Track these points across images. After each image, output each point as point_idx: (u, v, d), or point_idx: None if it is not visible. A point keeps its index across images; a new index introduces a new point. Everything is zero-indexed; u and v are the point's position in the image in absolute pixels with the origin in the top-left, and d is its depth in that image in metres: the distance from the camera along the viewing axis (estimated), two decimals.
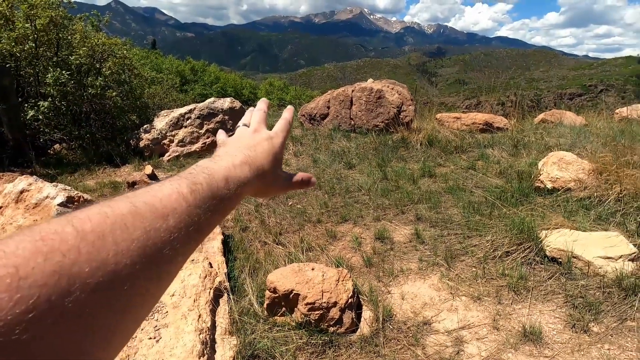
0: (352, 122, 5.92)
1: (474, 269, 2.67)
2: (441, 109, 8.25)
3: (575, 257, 2.57)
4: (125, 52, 4.79)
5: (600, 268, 2.47)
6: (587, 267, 2.50)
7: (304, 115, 6.34)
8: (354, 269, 2.73)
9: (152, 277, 0.30)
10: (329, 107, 6.10)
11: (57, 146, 4.99)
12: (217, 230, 2.62)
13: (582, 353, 1.96)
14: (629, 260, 2.50)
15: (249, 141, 0.49)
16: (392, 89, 5.90)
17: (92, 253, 0.25)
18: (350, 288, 2.13)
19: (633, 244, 2.59)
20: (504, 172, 4.35)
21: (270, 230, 3.21)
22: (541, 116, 7.10)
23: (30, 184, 2.40)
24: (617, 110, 8.29)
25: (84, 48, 4.42)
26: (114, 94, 4.58)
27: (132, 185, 3.57)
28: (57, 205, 2.25)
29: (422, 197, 3.78)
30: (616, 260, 2.49)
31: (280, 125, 0.56)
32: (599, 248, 2.58)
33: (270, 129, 0.55)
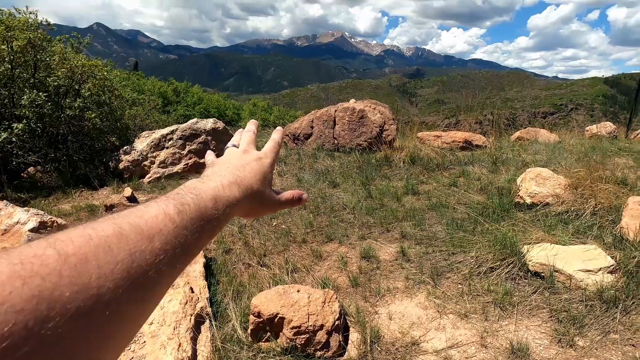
0: (336, 142, 5.97)
1: (460, 286, 2.67)
2: (422, 128, 8.46)
3: (557, 271, 2.61)
4: (105, 73, 4.74)
5: (581, 281, 2.51)
6: (569, 281, 2.54)
7: (287, 135, 6.36)
8: (341, 289, 2.68)
9: (137, 300, 0.29)
10: (312, 127, 6.15)
11: (31, 169, 4.80)
12: (199, 253, 2.54)
13: None
14: (608, 272, 2.56)
15: (238, 162, 0.49)
16: (374, 108, 6.02)
17: (73, 277, 0.24)
18: (337, 310, 2.08)
19: (610, 257, 2.65)
20: (484, 188, 4.45)
21: (255, 251, 3.14)
22: (517, 134, 7.37)
23: (0, 209, 2.29)
24: (587, 128, 8.70)
25: (62, 69, 4.35)
26: (93, 115, 4.49)
27: (109, 208, 3.45)
28: (28, 231, 2.14)
29: (406, 214, 3.80)
30: (596, 272, 2.54)
31: (269, 146, 0.56)
32: (579, 261, 2.64)
33: (259, 150, 0.54)
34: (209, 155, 0.56)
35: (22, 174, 4.69)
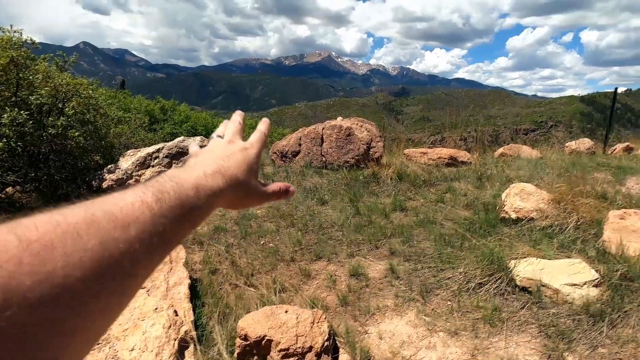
0: (324, 159, 6.00)
1: (449, 303, 2.65)
2: (409, 145, 8.59)
3: (544, 286, 2.63)
4: (90, 92, 4.70)
5: (568, 295, 2.53)
6: (555, 295, 2.56)
7: (275, 153, 6.37)
8: (330, 308, 2.64)
9: (108, 292, 0.27)
10: (300, 145, 6.18)
11: (9, 189, 4.65)
12: (184, 274, 2.47)
13: None
14: (593, 286, 2.59)
15: (223, 152, 0.48)
16: (361, 126, 6.10)
17: (36, 265, 0.23)
18: (326, 330, 2.04)
19: (595, 270, 2.69)
20: (470, 204, 4.50)
21: (242, 271, 3.08)
22: (501, 150, 7.55)
23: None
24: (566, 144, 8.98)
25: (46, 88, 4.30)
26: (76, 133, 4.42)
27: None
28: None
29: (394, 231, 3.81)
30: (581, 286, 2.57)
31: (255, 136, 0.55)
32: (565, 275, 2.67)
33: (246, 141, 0.54)
34: (193, 146, 0.55)
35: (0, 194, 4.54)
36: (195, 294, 2.59)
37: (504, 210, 3.99)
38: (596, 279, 2.60)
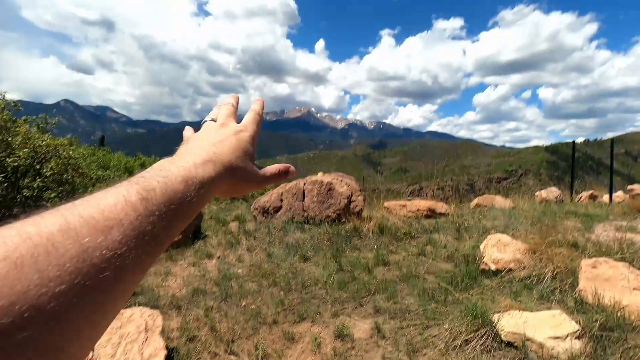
0: (305, 214, 6.04)
1: None
2: (388, 195, 8.80)
3: (528, 340, 2.63)
4: (70, 152, 4.70)
5: (552, 349, 2.53)
6: (541, 350, 2.55)
7: (257, 209, 6.37)
8: None
9: (93, 304, 0.25)
10: (282, 200, 6.23)
11: None
12: (161, 344, 2.34)
13: None
14: (575, 338, 2.61)
15: (215, 137, 0.45)
16: (341, 181, 6.27)
17: (3, 287, 0.21)
18: None
19: (575, 321, 2.73)
20: (451, 256, 4.56)
21: (222, 337, 2.93)
22: (476, 201, 7.84)
23: None
24: (536, 193, 9.45)
25: (25, 150, 4.28)
26: (52, 194, 4.33)
27: None
28: None
29: (378, 287, 3.77)
30: (564, 339, 2.58)
31: (249, 117, 0.53)
32: (548, 327, 2.69)
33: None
34: (187, 131, 0.52)
35: None
36: None
37: (483, 262, 4.07)
38: (577, 331, 2.63)
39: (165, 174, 0.35)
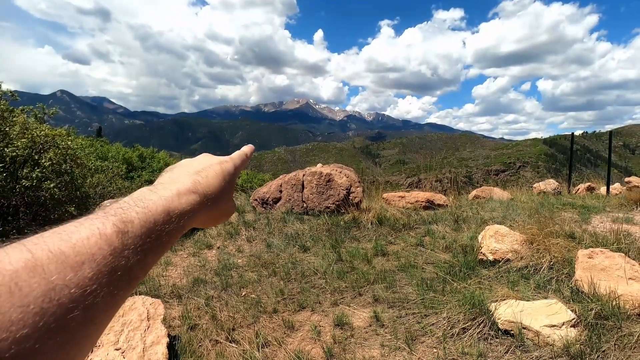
0: (305, 205, 6.06)
1: (435, 350, 2.63)
2: (387, 187, 8.83)
3: (525, 328, 2.67)
4: (69, 142, 4.69)
5: (548, 337, 2.58)
6: (537, 337, 2.60)
7: (256, 200, 6.38)
8: None
9: (60, 346, 0.23)
10: (281, 191, 6.24)
11: None
12: (162, 332, 2.37)
13: None
14: (571, 326, 2.65)
15: (199, 164, 0.45)
16: (340, 172, 6.27)
17: None
18: None
19: (571, 310, 2.77)
20: (449, 246, 4.60)
21: (222, 326, 2.96)
22: (474, 192, 7.87)
23: None
24: (534, 185, 9.48)
25: (23, 140, 4.26)
26: (51, 185, 4.32)
27: None
28: None
29: (377, 277, 3.81)
30: (560, 327, 2.63)
31: (236, 153, 0.54)
32: (544, 316, 2.73)
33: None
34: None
35: None
36: (173, 353, 2.46)
37: (481, 252, 4.11)
38: (573, 319, 2.68)
39: (146, 204, 0.33)
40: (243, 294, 3.57)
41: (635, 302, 2.89)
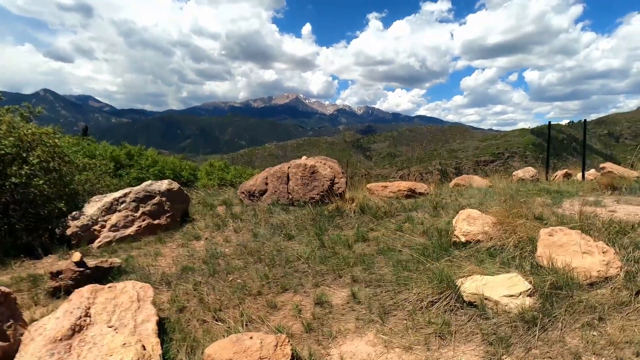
0: (290, 196, 6.26)
1: (405, 321, 2.88)
2: (378, 180, 9.07)
3: (486, 299, 2.93)
4: (57, 140, 4.79)
5: (506, 306, 2.84)
6: (496, 307, 2.86)
7: (243, 193, 6.56)
8: (294, 335, 2.77)
9: None
10: (267, 184, 6.43)
11: None
12: (152, 311, 2.56)
13: None
14: (527, 295, 2.93)
15: None
16: (325, 164, 6.48)
17: None
18: (289, 353, 2.19)
19: (528, 282, 3.04)
20: (426, 231, 4.85)
21: (209, 307, 3.16)
22: (455, 181, 8.16)
23: None
24: (514, 173, 9.83)
25: (10, 138, 4.35)
26: (41, 182, 4.44)
27: (56, 275, 3.34)
28: None
29: (357, 260, 4.05)
30: (517, 297, 2.90)
31: None
32: (504, 288, 3.00)
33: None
34: None
35: None
36: (163, 331, 2.65)
37: (454, 235, 4.37)
38: (529, 289, 2.95)
39: None
40: (230, 279, 3.77)
41: (587, 273, 3.18)
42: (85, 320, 2.26)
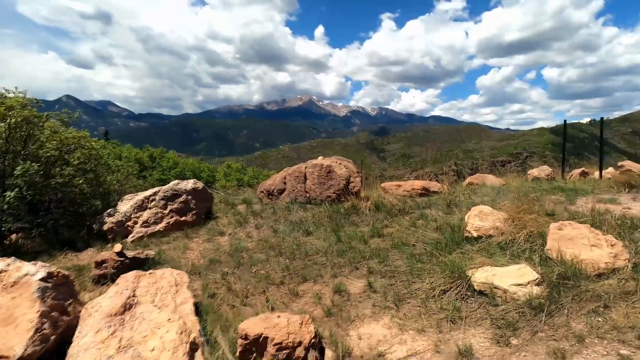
0: (307, 195, 6.52)
1: (418, 308, 3.09)
2: (393, 180, 9.25)
3: (496, 287, 3.12)
4: (94, 143, 5.20)
5: (514, 294, 3.02)
6: (505, 294, 3.04)
7: (262, 192, 6.86)
8: (316, 319, 3.02)
9: None
10: (285, 183, 6.71)
11: (13, 236, 4.93)
12: (189, 294, 2.85)
13: None
14: (535, 284, 3.09)
15: None
16: (340, 164, 6.72)
17: None
18: (312, 330, 2.44)
19: (537, 272, 3.21)
20: (440, 227, 5.03)
21: (237, 294, 3.45)
22: (468, 179, 8.27)
23: (8, 264, 2.56)
24: (529, 172, 9.83)
25: (53, 142, 4.77)
26: (81, 181, 4.84)
27: (100, 264, 3.69)
28: (39, 280, 2.42)
29: (372, 254, 4.27)
30: (525, 285, 3.07)
31: None
32: (513, 277, 3.17)
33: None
34: None
35: (4, 242, 4.80)
36: (197, 313, 2.94)
37: (466, 230, 4.54)
38: (537, 279, 3.12)
39: None
40: (254, 270, 4.06)
41: (595, 265, 3.32)
42: (133, 300, 2.57)
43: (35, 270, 2.49)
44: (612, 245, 3.48)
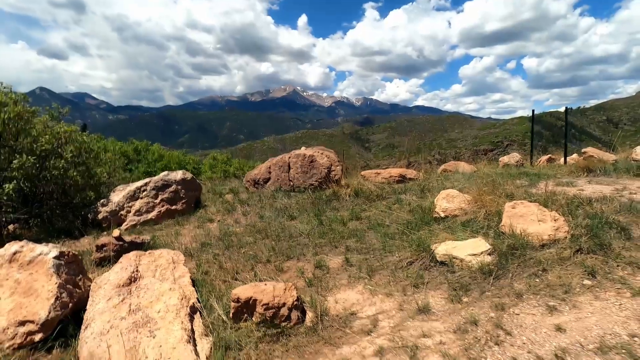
0: (291, 183, 6.91)
1: (388, 277, 3.55)
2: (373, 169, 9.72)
3: (454, 258, 3.61)
4: (85, 137, 5.42)
5: (469, 262, 3.51)
6: (461, 263, 3.53)
7: (248, 181, 7.21)
8: (299, 289, 3.44)
9: None
10: (270, 172, 7.08)
11: (11, 227, 5.15)
12: (185, 270, 3.23)
13: (455, 315, 2.86)
14: (487, 254, 3.59)
15: None
16: (322, 153, 7.12)
17: None
18: (295, 295, 2.86)
19: (489, 244, 3.71)
20: (412, 210, 5.52)
21: (228, 271, 3.84)
22: (443, 167, 8.81)
23: (22, 246, 2.86)
24: (500, 159, 10.48)
25: (46, 136, 4.99)
26: (75, 173, 5.08)
27: (101, 247, 4.00)
28: (53, 258, 2.75)
29: (350, 234, 4.72)
30: (479, 255, 3.57)
31: None
32: (469, 249, 3.67)
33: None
34: None
35: (3, 232, 5.02)
36: (194, 285, 3.32)
37: (435, 211, 5.04)
38: (489, 249, 3.62)
39: None
40: (242, 251, 4.44)
41: (539, 237, 3.85)
42: (136, 274, 2.93)
43: (48, 250, 2.81)
44: (555, 220, 4.01)
